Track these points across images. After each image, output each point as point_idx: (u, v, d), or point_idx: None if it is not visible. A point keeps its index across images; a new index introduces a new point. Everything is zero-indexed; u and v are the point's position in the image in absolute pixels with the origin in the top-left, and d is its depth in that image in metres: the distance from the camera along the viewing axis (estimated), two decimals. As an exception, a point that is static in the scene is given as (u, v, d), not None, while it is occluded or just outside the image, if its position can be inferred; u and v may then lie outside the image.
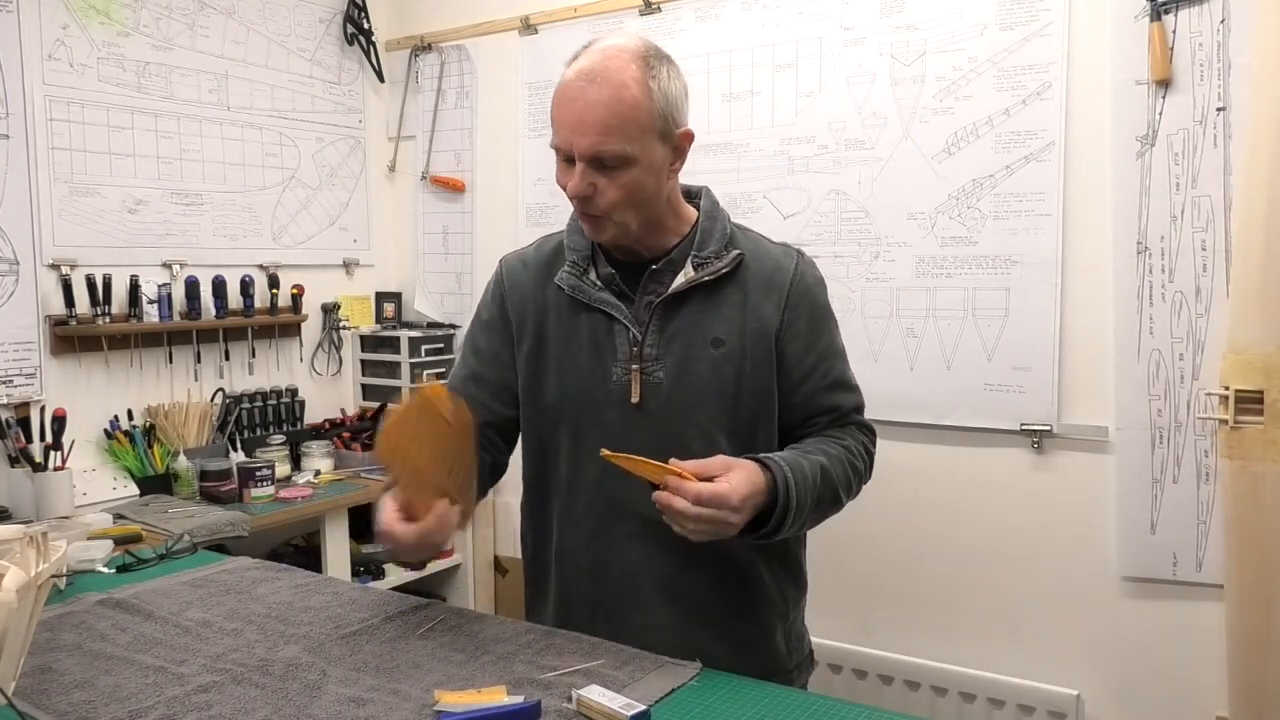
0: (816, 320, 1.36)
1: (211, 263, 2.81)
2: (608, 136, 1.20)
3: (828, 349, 1.37)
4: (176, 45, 2.74)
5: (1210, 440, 2.01)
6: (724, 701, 1.10)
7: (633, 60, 1.21)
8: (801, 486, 1.22)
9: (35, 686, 1.15)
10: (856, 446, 1.37)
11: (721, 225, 1.35)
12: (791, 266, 1.35)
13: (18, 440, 2.33)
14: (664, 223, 1.34)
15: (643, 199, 1.26)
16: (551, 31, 2.90)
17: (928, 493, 2.36)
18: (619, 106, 1.19)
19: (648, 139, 1.22)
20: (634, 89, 1.20)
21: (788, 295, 1.33)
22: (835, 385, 1.37)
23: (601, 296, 1.33)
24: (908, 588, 2.41)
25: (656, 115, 1.22)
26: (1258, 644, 1.91)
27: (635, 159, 1.22)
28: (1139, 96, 2.04)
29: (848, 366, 1.40)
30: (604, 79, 1.20)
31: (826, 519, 1.34)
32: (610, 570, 1.34)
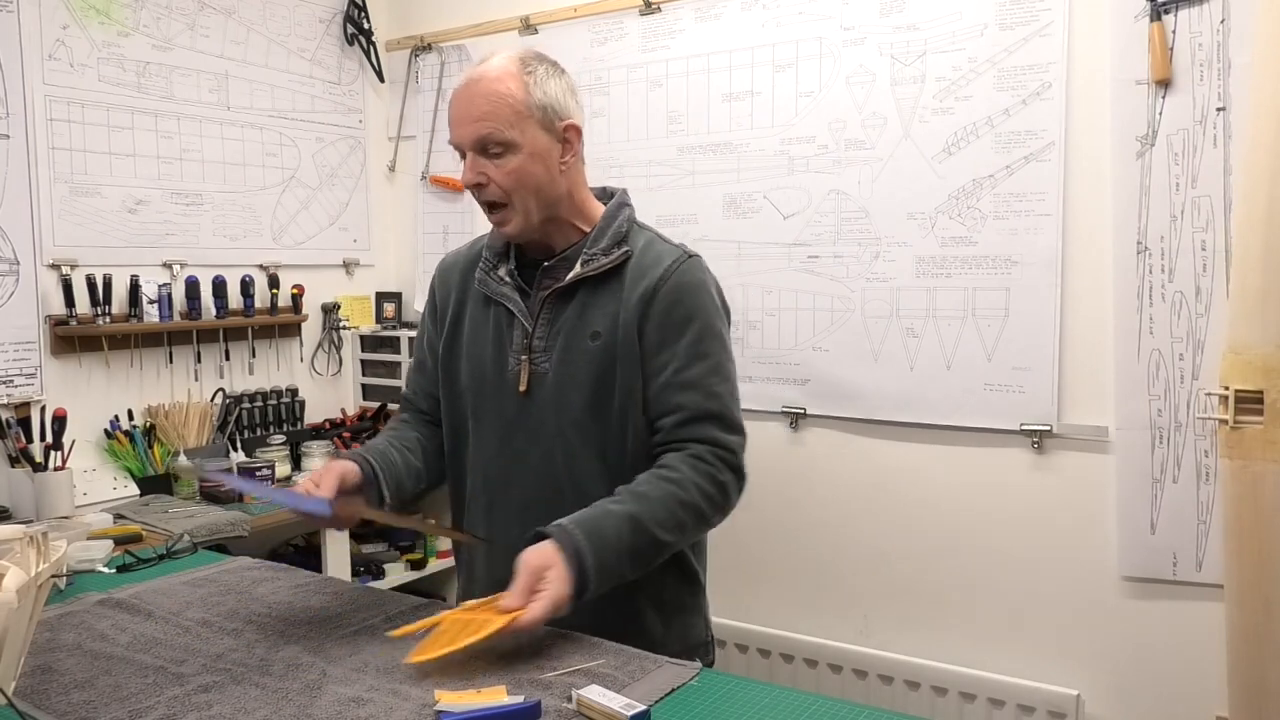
0: (679, 320, 1.36)
1: (211, 263, 2.81)
2: (486, 122, 1.33)
3: (688, 351, 1.35)
4: (176, 45, 2.74)
5: (1210, 440, 2.01)
6: (724, 701, 1.10)
7: (509, 63, 1.37)
8: (599, 545, 1.23)
9: (35, 686, 1.15)
10: (689, 480, 1.31)
11: (618, 224, 1.42)
12: (666, 265, 1.39)
13: (18, 440, 2.33)
14: (567, 219, 1.42)
15: (533, 185, 1.36)
16: (551, 31, 2.89)
17: (928, 493, 2.37)
18: (495, 97, 1.34)
19: (527, 126, 1.34)
20: (509, 82, 1.35)
21: (654, 291, 1.37)
22: (685, 386, 1.35)
23: (503, 291, 1.44)
24: (907, 588, 2.41)
25: (534, 105, 1.35)
26: (1258, 644, 1.91)
27: (517, 144, 1.34)
28: (1139, 96, 2.04)
29: (711, 373, 1.36)
30: (482, 77, 1.37)
31: (666, 553, 1.33)
32: (498, 548, 1.42)
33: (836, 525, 2.51)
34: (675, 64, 2.67)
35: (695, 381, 1.35)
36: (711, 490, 1.34)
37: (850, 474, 2.47)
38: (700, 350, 1.36)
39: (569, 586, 1.19)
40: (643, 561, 1.29)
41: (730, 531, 2.64)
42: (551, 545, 1.22)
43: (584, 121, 1.44)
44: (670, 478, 1.32)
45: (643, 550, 1.28)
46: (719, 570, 2.67)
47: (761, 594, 2.64)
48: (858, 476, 2.46)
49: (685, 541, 1.36)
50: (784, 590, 2.59)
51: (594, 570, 1.22)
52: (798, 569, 2.57)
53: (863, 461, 2.45)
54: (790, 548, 2.57)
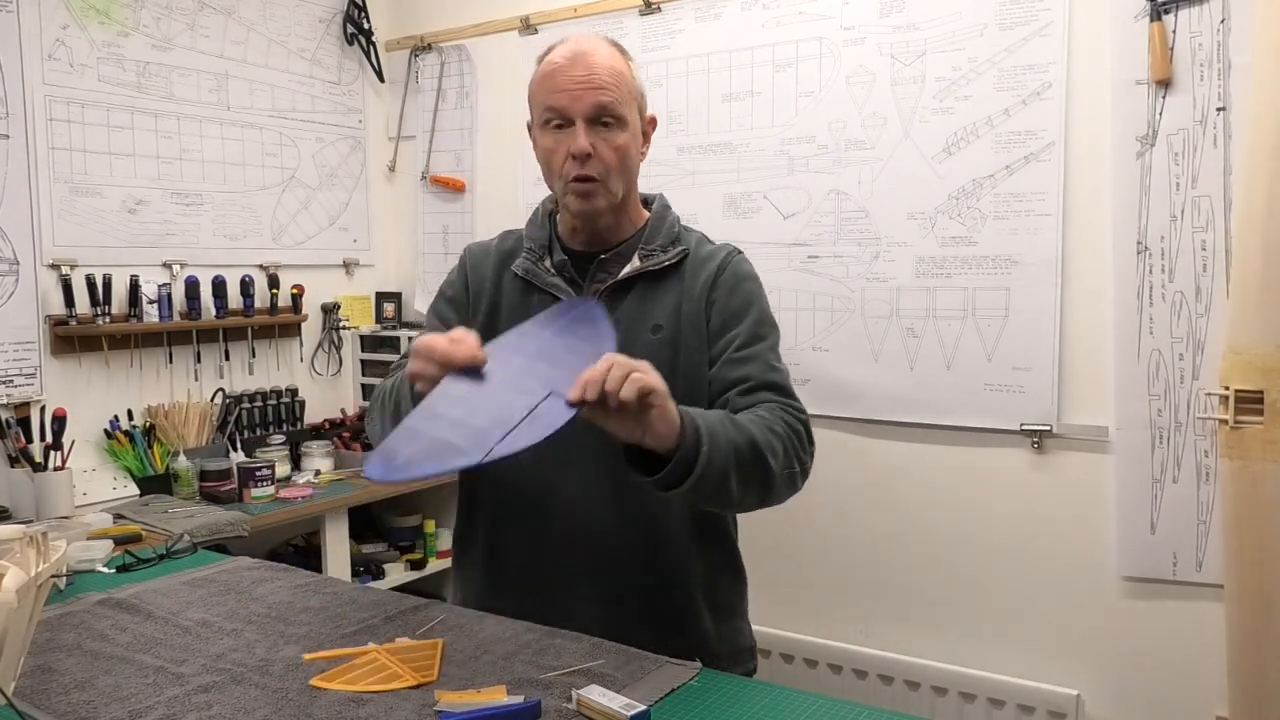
0: (738, 306, 1.39)
1: (211, 263, 2.81)
2: (608, 91, 1.32)
3: (748, 332, 1.37)
4: (176, 45, 2.74)
5: (1210, 440, 2.01)
6: (724, 701, 1.10)
7: (611, 45, 1.38)
8: (707, 420, 1.18)
9: (35, 686, 1.15)
10: (770, 417, 1.28)
11: (670, 224, 1.44)
12: (721, 258, 1.42)
13: (18, 440, 2.33)
14: (626, 210, 1.42)
15: (628, 165, 1.37)
16: (551, 31, 2.89)
17: (928, 492, 2.37)
18: (614, 72, 1.34)
19: (632, 107, 1.36)
20: (620, 62, 1.36)
21: (714, 280, 1.39)
22: (747, 360, 1.35)
23: (553, 281, 1.41)
24: (908, 588, 2.41)
25: (637, 90, 1.38)
26: (1258, 644, 1.91)
27: (627, 121, 1.35)
28: (1139, 96, 2.05)
29: (771, 351, 1.38)
30: (596, 51, 1.34)
31: (753, 488, 1.23)
32: (544, 548, 1.39)
33: (836, 525, 2.51)
34: (675, 64, 2.67)
35: (756, 355, 1.36)
36: (795, 429, 1.30)
37: (850, 474, 2.47)
38: (759, 332, 1.38)
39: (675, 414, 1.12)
40: (743, 463, 1.19)
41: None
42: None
43: None
44: (752, 415, 1.28)
45: (744, 451, 1.19)
46: (719, 570, 2.67)
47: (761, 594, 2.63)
48: (858, 476, 2.46)
49: (778, 472, 1.24)
50: (784, 590, 2.59)
51: (704, 430, 1.15)
52: (798, 569, 2.57)
53: (863, 461, 2.45)
54: (790, 548, 2.57)
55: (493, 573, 1.46)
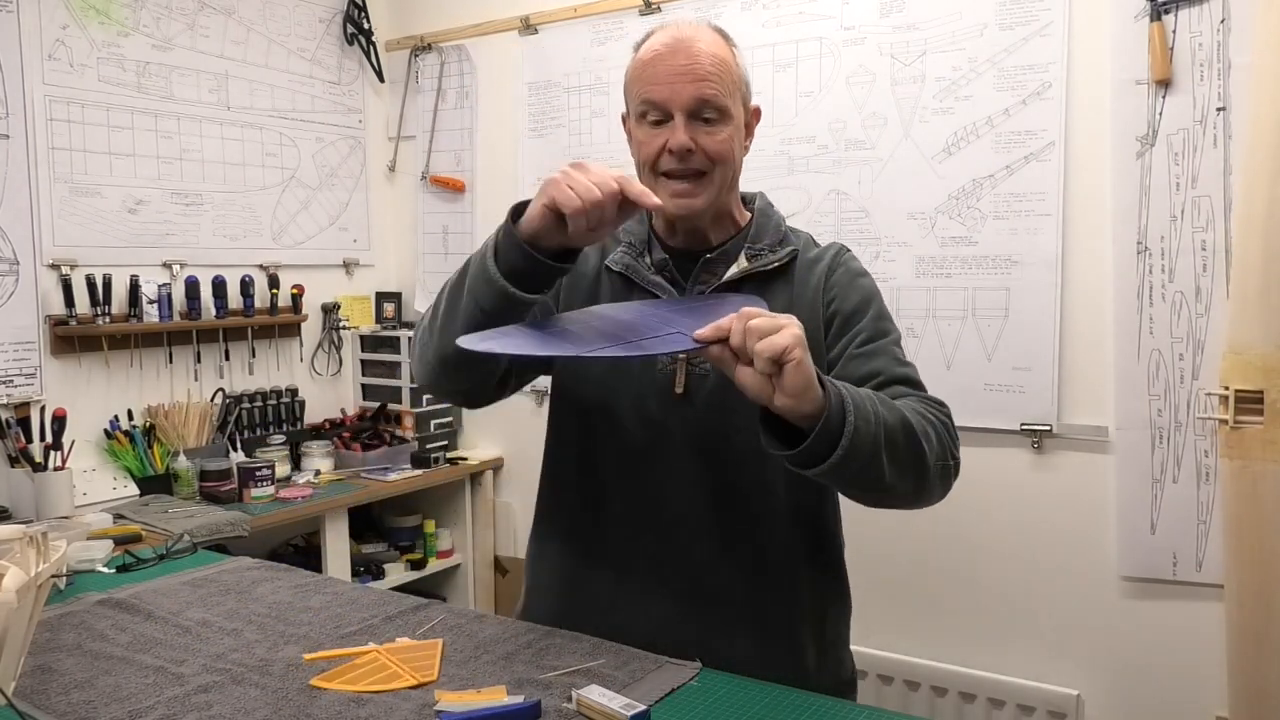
0: (858, 301, 1.28)
1: (211, 263, 2.81)
2: (710, 83, 1.22)
3: (871, 326, 1.26)
4: (176, 45, 2.74)
5: (1210, 440, 2.01)
6: (724, 701, 1.10)
7: (713, 31, 1.28)
8: (852, 390, 1.05)
9: (35, 686, 1.15)
10: (918, 405, 1.16)
11: (776, 222, 1.36)
12: (833, 255, 1.33)
13: (18, 440, 2.33)
14: (728, 208, 1.33)
15: (732, 160, 1.28)
16: (551, 31, 2.90)
17: (928, 493, 2.36)
18: (717, 61, 1.23)
19: (737, 98, 1.26)
20: (724, 50, 1.26)
21: (829, 277, 1.30)
22: (875, 353, 1.23)
23: (654, 279, 1.31)
24: (908, 588, 2.41)
25: (743, 79, 1.28)
26: (1258, 644, 1.91)
27: (730, 114, 1.25)
28: (1139, 96, 2.05)
29: (896, 344, 1.27)
30: (698, 38, 1.24)
31: (908, 473, 1.10)
32: (634, 565, 1.30)
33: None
34: (675, 64, 2.67)
35: (882, 350, 1.24)
36: (945, 421, 1.18)
37: (850, 474, 2.47)
38: (882, 328, 1.27)
39: (812, 372, 0.98)
40: (894, 442, 1.06)
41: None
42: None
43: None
44: (900, 399, 1.16)
45: (895, 429, 1.06)
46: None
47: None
48: (858, 476, 2.46)
49: (933, 462, 1.12)
50: (784, 590, 2.59)
51: (849, 398, 1.02)
52: (798, 569, 2.56)
53: (863, 461, 2.45)
54: (790, 548, 2.57)
55: (575, 586, 1.36)
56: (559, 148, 2.91)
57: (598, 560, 1.33)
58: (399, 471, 2.87)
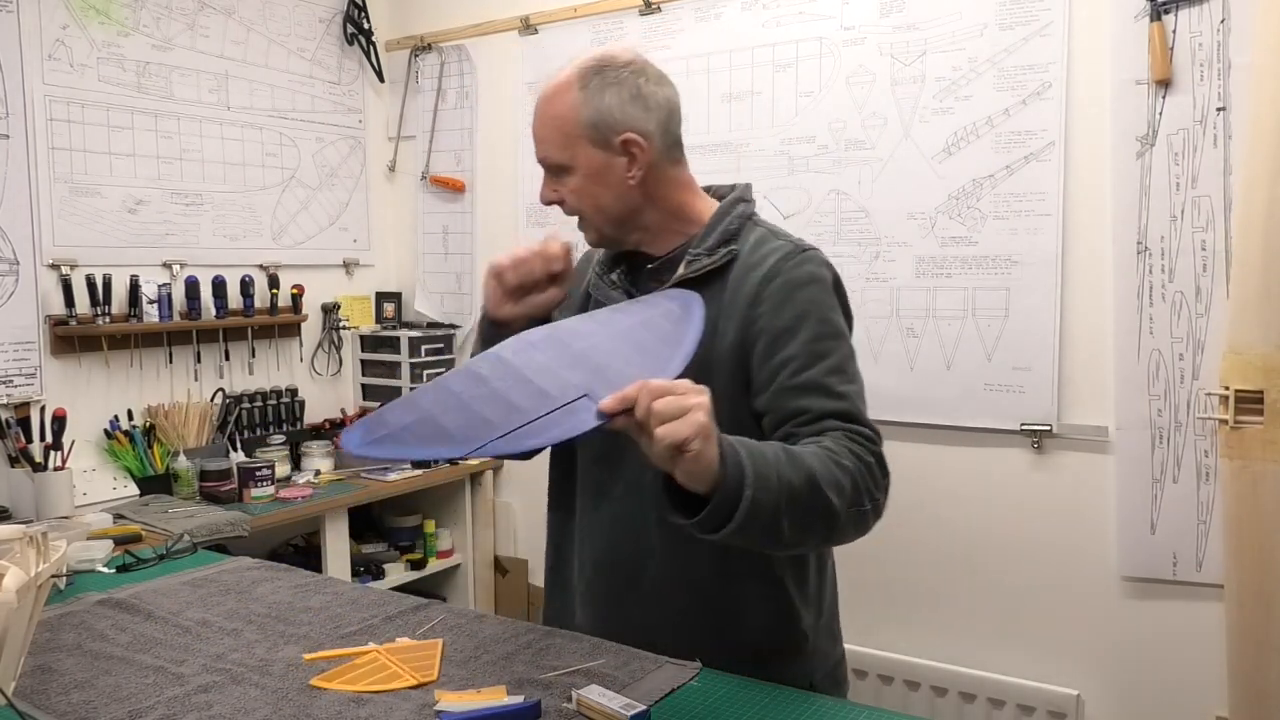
0: (790, 320, 1.23)
1: (211, 263, 2.81)
2: (542, 145, 1.31)
3: (802, 347, 1.22)
4: (176, 45, 2.74)
5: (1210, 440, 2.01)
6: (724, 701, 1.10)
7: (571, 74, 1.30)
8: (756, 456, 1.03)
9: (35, 686, 1.15)
10: (836, 449, 1.13)
11: (728, 221, 1.32)
12: (772, 263, 1.27)
13: (18, 440, 2.33)
14: (661, 226, 1.33)
15: (595, 203, 1.31)
16: (551, 31, 2.90)
17: (928, 493, 2.36)
18: (548, 119, 1.30)
19: (578, 146, 1.28)
20: (562, 102, 1.29)
21: (758, 293, 1.25)
22: (804, 387, 1.20)
23: (611, 295, 1.35)
24: (907, 587, 2.41)
25: (583, 124, 1.27)
26: (1258, 644, 1.91)
27: (570, 166, 1.29)
28: (1139, 96, 2.05)
29: (833, 373, 1.21)
30: (543, 96, 1.31)
31: (814, 531, 1.11)
32: (587, 557, 1.35)
33: (836, 525, 2.50)
34: (675, 64, 2.67)
35: (816, 382, 1.19)
36: (865, 461, 1.15)
37: (850, 474, 2.47)
38: (818, 350, 1.21)
39: (715, 447, 0.98)
40: (798, 504, 1.05)
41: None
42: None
43: (663, 123, 1.31)
44: (817, 445, 1.13)
45: (800, 490, 1.05)
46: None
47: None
48: (858, 476, 2.46)
49: (843, 511, 1.11)
50: (784, 590, 2.59)
51: (749, 468, 1.01)
52: (798, 569, 2.56)
53: (863, 461, 2.45)
54: (790, 548, 2.57)
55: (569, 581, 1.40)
56: (559, 148, 2.90)
57: (589, 560, 1.36)
58: (399, 471, 2.87)
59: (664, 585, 1.29)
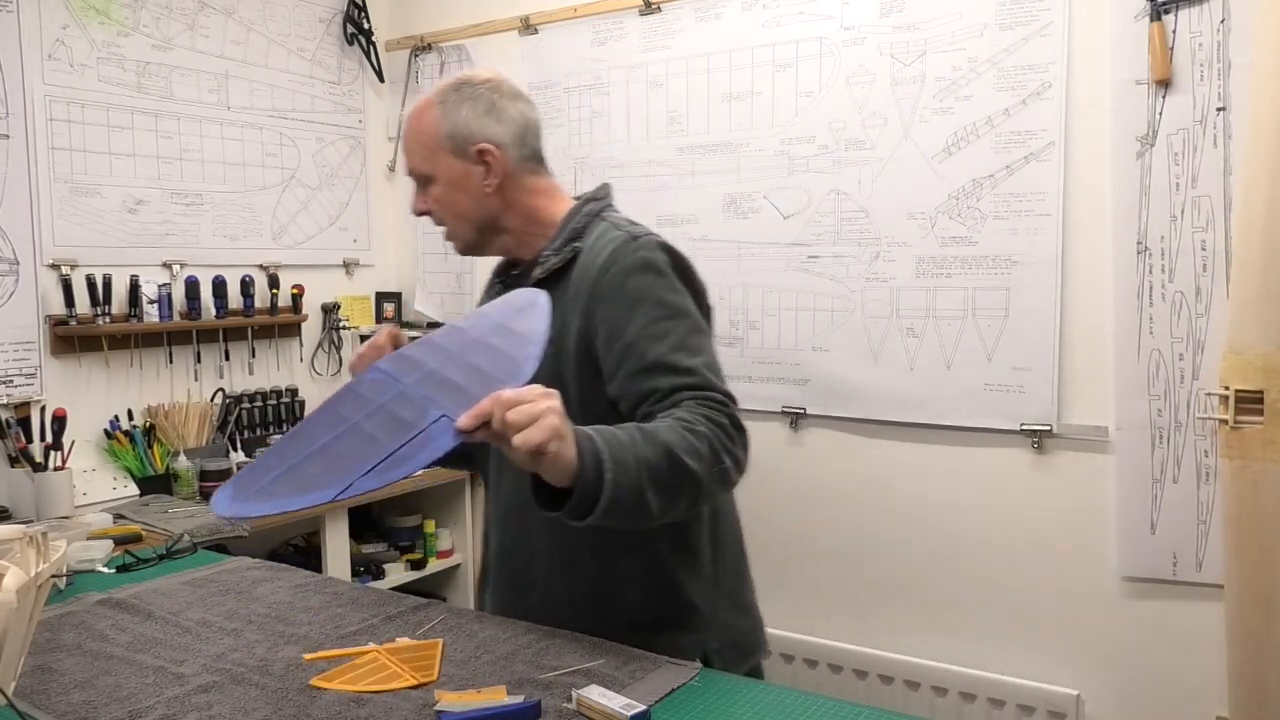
0: (626, 305, 1.27)
1: (211, 263, 2.81)
2: (409, 159, 1.43)
3: (641, 333, 1.26)
4: (176, 45, 2.74)
5: (1210, 440, 2.01)
6: (724, 701, 1.10)
7: (429, 94, 1.43)
8: (613, 442, 1.09)
9: (35, 686, 1.15)
10: (689, 416, 1.18)
11: (575, 221, 1.40)
12: (606, 255, 1.31)
13: (18, 440, 2.33)
14: (520, 231, 1.43)
15: (456, 211, 1.41)
16: (551, 31, 2.90)
17: (928, 493, 2.36)
18: (411, 134, 1.42)
19: (439, 157, 1.39)
20: (423, 117, 1.41)
21: (594, 286, 1.30)
22: (650, 369, 1.24)
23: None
24: (907, 587, 2.41)
25: (443, 136, 1.39)
26: (1258, 644, 1.91)
27: (433, 176, 1.40)
28: (1139, 96, 2.05)
29: (676, 349, 1.25)
30: (409, 114, 1.45)
31: (680, 498, 1.15)
32: (514, 554, 1.43)
33: (836, 525, 2.51)
34: (675, 64, 2.67)
35: (660, 362, 1.24)
36: (719, 422, 1.19)
37: (850, 474, 2.47)
38: (656, 332, 1.26)
39: (572, 444, 1.04)
40: (659, 478, 1.11)
41: (730, 531, 2.65)
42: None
43: (518, 135, 1.41)
44: (671, 417, 1.18)
45: (659, 465, 1.11)
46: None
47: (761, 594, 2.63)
48: (858, 476, 2.46)
49: (705, 474, 1.15)
50: (784, 590, 2.59)
51: (607, 456, 1.06)
52: (798, 569, 2.57)
53: (863, 461, 2.45)
54: (790, 548, 2.57)
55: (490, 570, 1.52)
56: (559, 148, 2.91)
57: (492, 547, 1.50)
58: (399, 471, 2.86)
59: (550, 570, 1.38)
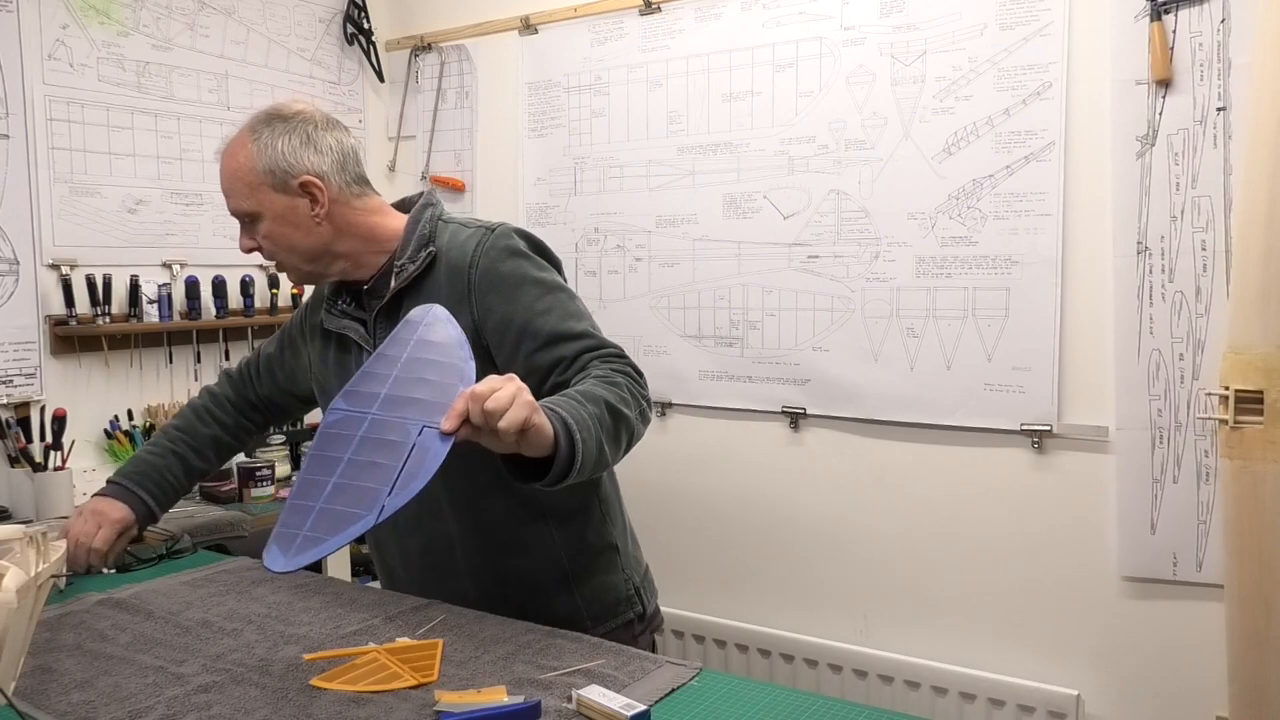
0: (506, 291, 1.37)
1: (211, 263, 2.81)
2: (229, 198, 1.43)
3: (529, 312, 1.35)
4: (176, 45, 2.74)
5: (1210, 440, 2.01)
6: (724, 701, 1.10)
7: (242, 132, 1.42)
8: (567, 408, 1.16)
9: (35, 686, 1.15)
10: (605, 371, 1.29)
11: (421, 228, 1.43)
12: (471, 251, 1.39)
13: (18, 440, 2.33)
14: (357, 254, 1.45)
15: (287, 244, 1.42)
16: (551, 31, 2.90)
17: (928, 493, 2.37)
18: (229, 173, 1.42)
19: (261, 193, 1.40)
20: (239, 155, 1.40)
21: (469, 284, 1.38)
22: (549, 341, 1.34)
23: (341, 323, 1.48)
24: (907, 587, 2.41)
25: (261, 171, 1.39)
26: (1258, 644, 1.91)
27: (258, 213, 1.41)
28: (1139, 96, 2.05)
29: (565, 318, 1.36)
30: (224, 153, 1.44)
31: (622, 445, 1.26)
32: (435, 550, 1.49)
33: (836, 525, 2.51)
34: (675, 64, 2.67)
35: (557, 333, 1.34)
36: (626, 371, 1.30)
37: (850, 474, 2.47)
38: (542, 308, 1.36)
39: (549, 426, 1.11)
40: (607, 431, 1.20)
41: (730, 531, 2.65)
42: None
43: (338, 163, 1.42)
44: (589, 378, 1.27)
45: (605, 421, 1.20)
46: (719, 570, 2.68)
47: (761, 594, 2.64)
48: (858, 476, 2.46)
49: (635, 419, 1.27)
50: (784, 590, 2.59)
51: (571, 421, 1.14)
52: (798, 569, 2.57)
53: (863, 461, 2.45)
54: (790, 548, 2.57)
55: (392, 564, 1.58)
56: (559, 148, 2.91)
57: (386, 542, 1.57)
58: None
59: (472, 553, 1.45)
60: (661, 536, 2.67)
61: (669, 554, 2.67)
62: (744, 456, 2.62)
